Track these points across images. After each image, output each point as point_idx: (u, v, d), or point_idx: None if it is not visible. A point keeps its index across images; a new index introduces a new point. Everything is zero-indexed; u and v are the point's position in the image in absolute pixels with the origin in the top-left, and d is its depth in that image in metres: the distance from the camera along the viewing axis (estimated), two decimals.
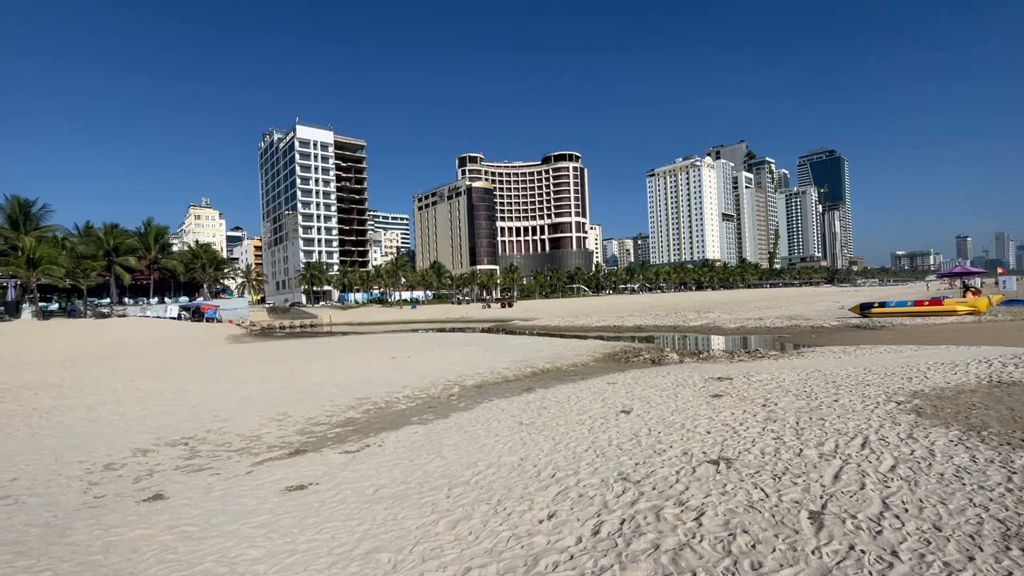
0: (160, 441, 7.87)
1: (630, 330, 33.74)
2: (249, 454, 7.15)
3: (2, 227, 51.64)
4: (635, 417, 7.93)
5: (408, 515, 4.74)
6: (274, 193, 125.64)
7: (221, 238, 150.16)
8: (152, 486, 5.92)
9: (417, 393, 11.53)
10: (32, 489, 5.90)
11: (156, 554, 4.18)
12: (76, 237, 57.16)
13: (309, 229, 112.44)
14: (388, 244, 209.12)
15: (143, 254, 61.80)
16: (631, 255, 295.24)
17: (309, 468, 6.40)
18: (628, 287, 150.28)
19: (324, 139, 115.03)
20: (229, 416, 9.56)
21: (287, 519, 4.79)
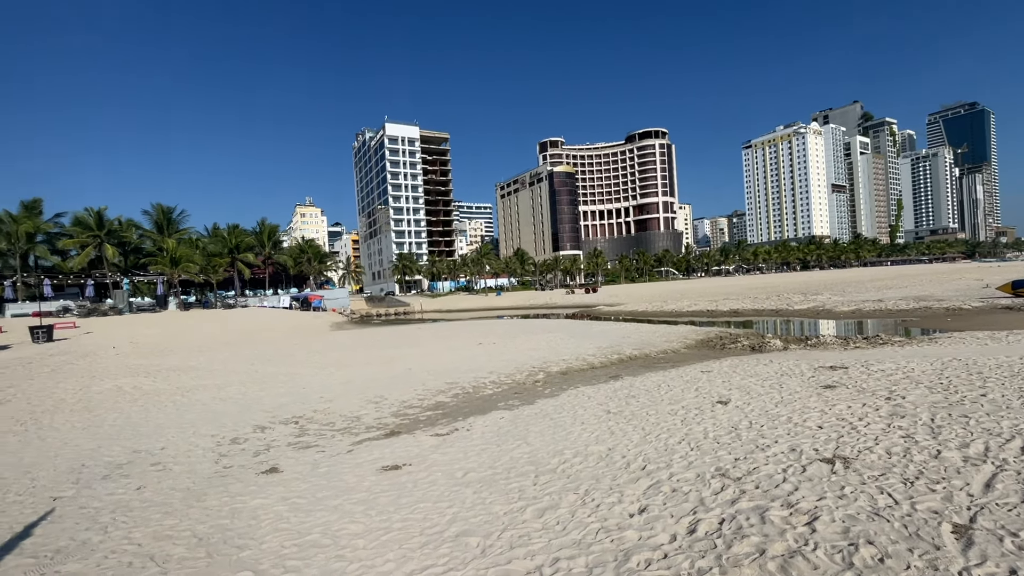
0: (275, 419, 8.70)
1: (725, 315, 31.73)
2: (350, 434, 7.67)
3: (150, 231, 60.07)
4: (733, 408, 7.38)
5: (496, 500, 4.78)
6: (368, 189, 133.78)
7: (323, 234, 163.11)
8: (269, 460, 6.54)
9: (503, 379, 11.69)
10: (176, 458, 6.78)
11: (272, 522, 4.59)
12: (206, 238, 65.02)
13: (400, 222, 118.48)
14: (473, 233, 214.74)
15: (259, 251, 68.84)
16: (725, 235, 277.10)
17: (403, 449, 6.71)
18: (722, 269, 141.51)
19: (411, 135, 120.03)
20: (333, 398, 10.34)
21: (383, 498, 5.05)
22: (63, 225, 56.29)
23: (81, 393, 12.03)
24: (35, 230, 53.98)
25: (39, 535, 4.57)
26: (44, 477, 6.20)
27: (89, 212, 55.99)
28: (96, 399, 11.32)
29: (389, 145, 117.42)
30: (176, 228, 61.37)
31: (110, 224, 57.23)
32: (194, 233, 64.02)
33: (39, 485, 5.93)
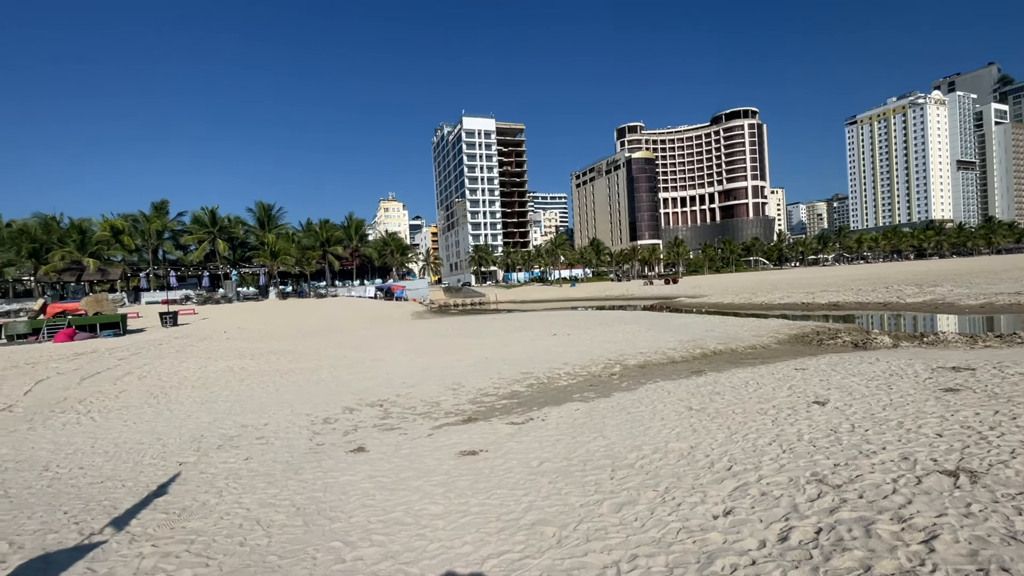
0: (362, 402, 9.26)
1: (823, 308, 29.17)
2: (430, 418, 7.98)
3: (254, 227, 66.02)
4: (833, 410, 6.75)
5: (571, 491, 4.74)
6: (446, 183, 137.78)
7: (405, 227, 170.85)
8: (356, 440, 6.97)
9: (578, 370, 11.58)
10: (277, 433, 7.43)
11: (359, 499, 4.89)
12: (301, 232, 70.42)
13: (476, 214, 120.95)
14: (547, 224, 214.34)
15: (347, 243, 73.42)
16: (824, 221, 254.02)
17: (480, 435, 6.87)
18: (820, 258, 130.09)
19: (487, 127, 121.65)
20: (414, 384, 10.81)
21: (461, 481, 5.20)
22: (184, 223, 63.55)
23: (200, 372, 13.57)
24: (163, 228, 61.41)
25: (169, 494, 5.21)
26: (172, 444, 7.07)
27: (204, 211, 62.70)
28: (211, 378, 12.71)
29: (466, 139, 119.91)
30: (275, 224, 67.06)
31: (221, 221, 63.75)
32: (290, 228, 69.65)
33: (168, 451, 6.77)
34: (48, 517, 4.75)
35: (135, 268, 61.34)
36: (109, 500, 5.12)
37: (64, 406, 9.86)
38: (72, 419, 8.82)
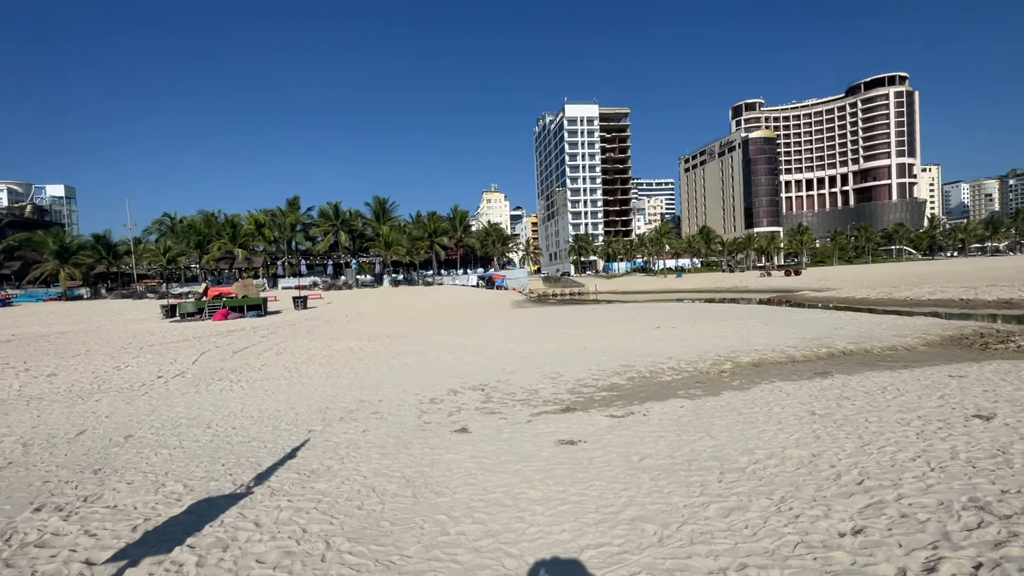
0: (465, 385, 9.68)
1: (988, 305, 24.71)
2: (529, 405, 8.11)
3: (370, 220, 71.60)
4: (1000, 426, 5.70)
5: (675, 491, 4.54)
6: (547, 172, 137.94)
7: (506, 217, 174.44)
8: (459, 421, 7.31)
9: (683, 366, 11.02)
10: (390, 410, 8.04)
11: (462, 477, 5.13)
12: (411, 224, 74.98)
13: (576, 203, 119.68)
14: (652, 211, 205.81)
15: (452, 234, 76.84)
16: (994, 202, 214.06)
17: (578, 426, 6.84)
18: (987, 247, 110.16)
19: (589, 114, 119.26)
20: (514, 371, 11.05)
21: (560, 469, 5.22)
22: (313, 217, 70.79)
23: (325, 350, 15.12)
24: (296, 221, 68.95)
25: (299, 458, 5.89)
26: (303, 413, 7.97)
27: (329, 205, 69.27)
28: (335, 356, 14.09)
29: (568, 127, 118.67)
30: (389, 216, 72.18)
31: (343, 215, 70.02)
32: (402, 220, 74.52)
33: (300, 419, 7.64)
34: (210, 467, 5.62)
35: (273, 257, 69.87)
36: (255, 457, 5.92)
37: (220, 375, 11.58)
38: (226, 386, 10.33)
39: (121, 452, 6.26)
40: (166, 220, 67.90)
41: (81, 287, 56.68)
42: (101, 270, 61.61)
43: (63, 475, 5.50)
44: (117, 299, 48.10)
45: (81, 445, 6.60)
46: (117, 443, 6.64)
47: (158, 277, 65.65)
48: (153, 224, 68.21)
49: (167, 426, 7.42)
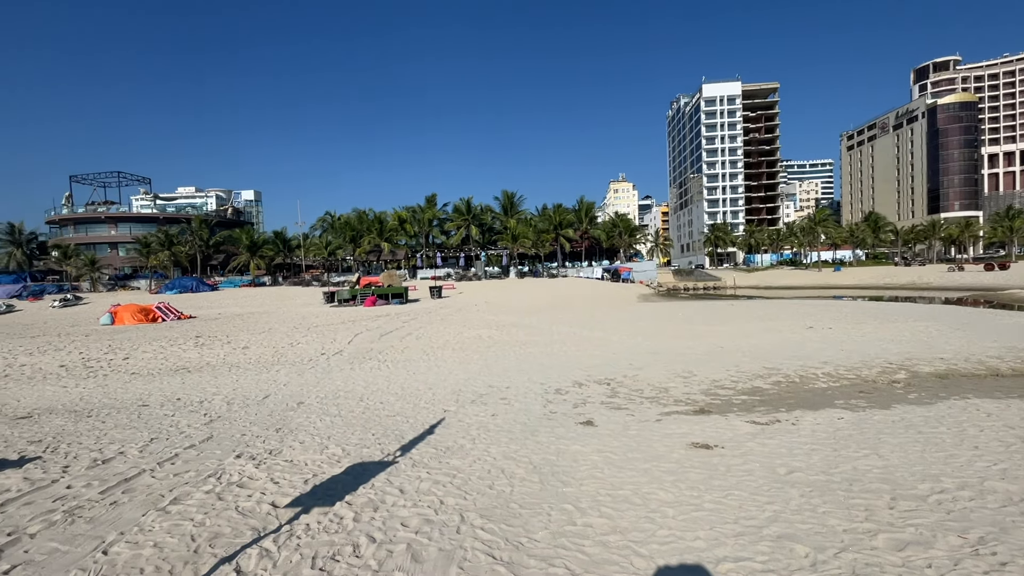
0: (590, 379, 9.59)
1: None
2: (658, 403, 7.76)
3: (499, 214, 74.29)
4: None
5: (831, 512, 4.00)
6: (680, 158, 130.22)
7: (634, 207, 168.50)
8: (585, 413, 7.27)
9: (842, 372, 9.64)
10: (516, 397, 8.30)
11: (589, 470, 5.09)
12: (536, 216, 76.19)
13: (713, 190, 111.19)
14: (804, 197, 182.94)
15: (577, 226, 76.41)
16: None
17: (714, 429, 6.37)
18: None
19: (730, 92, 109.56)
20: (641, 367, 10.66)
21: (693, 473, 4.91)
22: (447, 212, 75.64)
23: (457, 337, 16.11)
24: (432, 217, 74.31)
25: (436, 435, 6.36)
26: (439, 394, 8.59)
27: (462, 201, 73.39)
28: (466, 342, 14.94)
29: (705, 108, 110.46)
30: (516, 210, 74.23)
31: (475, 210, 73.70)
32: (528, 213, 76.14)
33: (436, 399, 8.25)
34: (362, 436, 6.34)
35: (413, 250, 76.28)
36: (398, 430, 6.54)
37: (370, 355, 12.99)
38: (375, 365, 11.55)
39: (295, 416, 7.36)
40: (327, 218, 77.87)
41: (265, 275, 67.85)
42: (279, 261, 73.07)
43: (254, 431, 6.63)
44: (290, 286, 56.68)
45: (266, 407, 7.90)
46: (292, 408, 7.82)
47: (321, 267, 75.81)
48: (318, 221, 78.71)
49: (328, 397, 8.53)
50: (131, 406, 8.19)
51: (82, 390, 9.58)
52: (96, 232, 76.93)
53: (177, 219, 76.66)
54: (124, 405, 8.29)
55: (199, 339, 16.30)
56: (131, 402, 8.50)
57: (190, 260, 68.90)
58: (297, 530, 3.93)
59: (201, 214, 79.99)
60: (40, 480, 4.99)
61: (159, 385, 9.86)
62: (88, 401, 8.67)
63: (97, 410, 7.99)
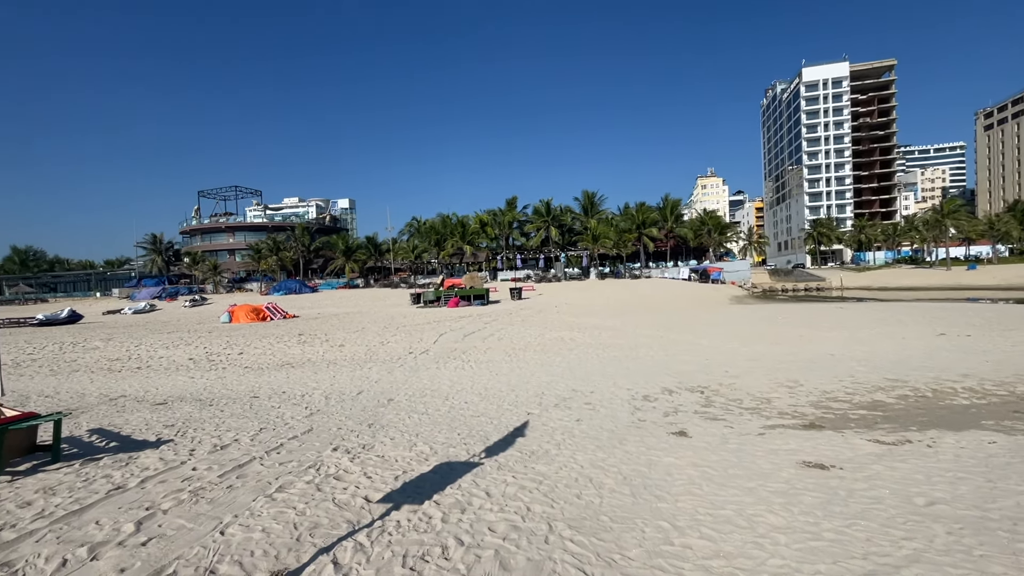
0: (681, 386, 9.04)
1: None
2: (760, 415, 7.11)
3: (579, 214, 73.47)
4: None
5: (992, 557, 3.34)
6: (776, 150, 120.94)
7: (724, 203, 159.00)
8: (677, 423, 6.82)
9: (988, 387, 8.26)
10: (602, 402, 8.01)
11: (684, 485, 4.72)
12: (618, 216, 74.36)
13: (815, 182, 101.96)
14: (927, 186, 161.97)
15: (662, 225, 73.49)
16: None
17: (828, 448, 5.68)
18: None
19: (836, 74, 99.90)
20: (738, 374, 9.89)
21: (807, 496, 4.38)
22: (527, 214, 76.14)
23: (539, 338, 16.02)
24: (513, 219, 75.16)
25: (522, 437, 6.28)
26: (522, 396, 8.53)
27: (542, 203, 73.51)
28: (547, 344, 14.81)
29: (805, 93, 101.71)
30: (596, 210, 73.01)
31: (554, 211, 73.53)
32: (609, 213, 74.56)
33: (519, 401, 8.19)
34: (448, 435, 6.42)
35: (494, 252, 77.63)
36: (483, 431, 6.54)
37: (454, 355, 13.27)
38: (459, 365, 11.77)
39: (386, 412, 7.65)
40: (414, 223, 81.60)
41: (358, 278, 72.53)
42: (371, 264, 77.80)
43: (349, 425, 6.97)
44: (381, 288, 60.06)
45: (360, 402, 8.30)
46: (383, 404, 8.14)
47: (408, 270, 79.61)
48: (405, 226, 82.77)
49: (416, 395, 8.79)
50: (244, 397, 9.00)
51: (205, 381, 10.71)
52: (218, 240, 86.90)
53: (283, 227, 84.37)
54: (238, 396, 9.13)
55: (301, 336, 17.69)
56: (244, 393, 9.34)
57: (294, 264, 75.56)
58: (388, 526, 4.00)
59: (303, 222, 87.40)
60: (172, 461, 5.57)
61: (267, 379, 10.76)
62: (210, 391, 9.66)
63: (217, 399, 8.86)
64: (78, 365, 13.23)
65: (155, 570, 3.41)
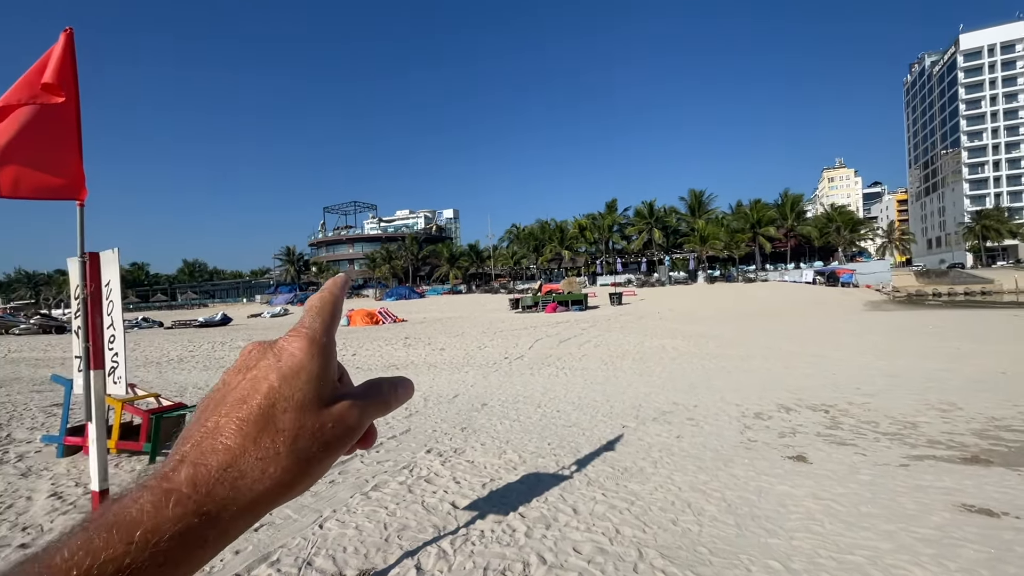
0: (800, 403, 8.02)
1: None
2: (902, 443, 6.03)
3: (685, 215, 69.82)
4: None
5: None
6: (924, 133, 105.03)
7: (856, 197, 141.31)
8: (794, 445, 6.03)
9: None
10: (706, 418, 7.37)
11: (802, 520, 4.11)
12: (730, 215, 69.37)
13: (978, 167, 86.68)
14: None
15: (780, 223, 67.20)
16: None
17: (998, 489, 4.63)
18: None
19: (1008, 36, 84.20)
20: (873, 392, 8.56)
21: (967, 550, 3.57)
22: (628, 217, 74.05)
23: (638, 346, 15.33)
24: (612, 223, 73.55)
25: (613, 453, 5.95)
26: (617, 407, 8.14)
27: (644, 204, 71.04)
28: (647, 353, 14.09)
29: (964, 64, 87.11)
30: (705, 209, 68.81)
31: (658, 212, 70.64)
32: (719, 212, 69.82)
33: (614, 412, 7.82)
34: (539, 444, 6.29)
35: (593, 256, 76.48)
36: (574, 443, 6.32)
37: (549, 361, 13.15)
38: (553, 372, 11.62)
39: (479, 416, 7.74)
40: (513, 230, 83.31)
41: (461, 284, 75.69)
42: (473, 271, 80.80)
43: (444, 428, 7.14)
44: (482, 293, 62.00)
45: (455, 406, 8.50)
46: (476, 408, 8.26)
47: (508, 276, 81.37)
48: (505, 233, 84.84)
49: (509, 400, 8.80)
50: None
51: None
52: (339, 251, 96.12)
53: (395, 237, 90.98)
54: None
55: (407, 340, 18.76)
56: None
57: (404, 271, 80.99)
58: (472, 535, 3.97)
59: (412, 232, 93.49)
60: None
61: None
62: None
63: None
64: (224, 362, 15.27)
65: (263, 555, 3.70)
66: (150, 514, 0.31)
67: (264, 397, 0.36)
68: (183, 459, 0.34)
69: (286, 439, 0.36)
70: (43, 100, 3.05)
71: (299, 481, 0.36)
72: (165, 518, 0.31)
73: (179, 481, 0.33)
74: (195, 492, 0.32)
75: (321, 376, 0.39)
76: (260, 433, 0.35)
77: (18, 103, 3.15)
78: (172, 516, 0.31)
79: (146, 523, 0.30)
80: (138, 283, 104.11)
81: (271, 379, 0.37)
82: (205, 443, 0.35)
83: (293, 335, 0.40)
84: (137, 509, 0.31)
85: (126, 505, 0.31)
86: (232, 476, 0.34)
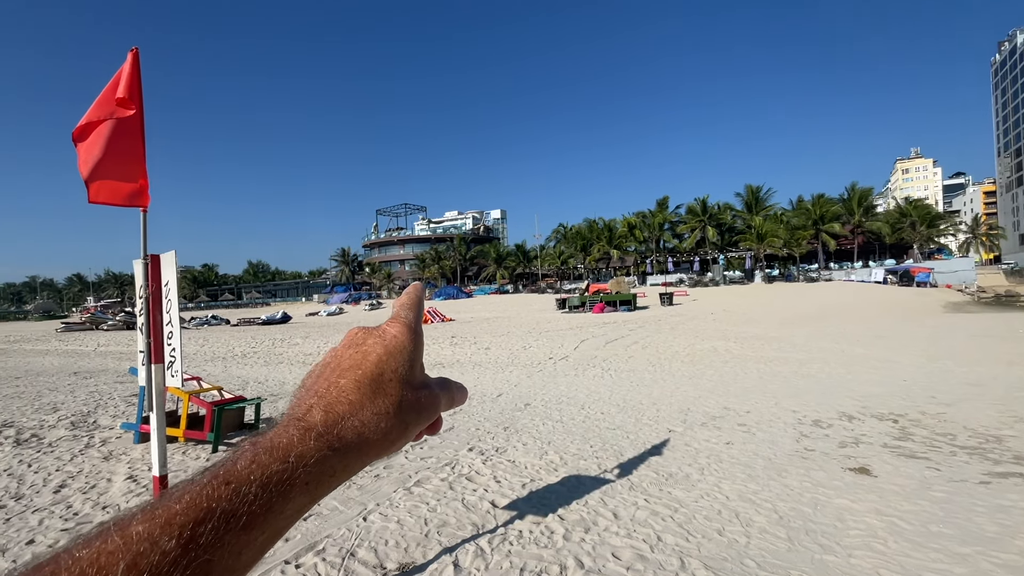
0: (865, 411, 7.49)
1: None
2: (984, 458, 5.50)
3: (741, 211, 66.97)
4: None
5: None
6: (1016, 117, 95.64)
7: (935, 189, 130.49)
8: (857, 456, 5.63)
9: None
10: (759, 424, 7.02)
11: (862, 536, 3.84)
12: (790, 211, 65.89)
13: None
14: None
15: (846, 219, 63.15)
16: None
17: None
18: None
19: None
20: (951, 402, 7.87)
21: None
22: (680, 214, 71.89)
23: (689, 348, 14.83)
24: (663, 221, 71.65)
25: (660, 456, 5.79)
26: (664, 411, 7.91)
27: (697, 202, 68.76)
28: (698, 355, 13.61)
29: None
30: (762, 206, 65.74)
31: (711, 209, 68.17)
32: (778, 208, 66.46)
33: (661, 416, 7.61)
34: (581, 446, 6.22)
35: (643, 256, 74.74)
36: (618, 446, 6.20)
37: (594, 362, 12.97)
38: (598, 373, 11.45)
39: (521, 416, 7.74)
40: (560, 229, 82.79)
41: (508, 284, 76.09)
42: (520, 271, 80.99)
43: (486, 426, 7.20)
44: (528, 293, 62.06)
45: (498, 405, 8.55)
46: (519, 408, 8.27)
47: (555, 276, 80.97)
48: (552, 233, 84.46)
49: (552, 401, 8.75)
50: None
51: None
52: (391, 252, 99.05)
53: (443, 239, 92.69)
54: None
55: (454, 339, 19.06)
56: None
57: (452, 272, 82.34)
58: (510, 535, 3.97)
59: (460, 233, 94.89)
60: None
61: None
62: None
63: None
64: (283, 358, 16.09)
65: (309, 544, 3.86)
66: (300, 441, 0.38)
67: (374, 365, 0.43)
68: (312, 407, 0.41)
69: (393, 403, 0.43)
70: (119, 115, 3.34)
71: (399, 441, 0.43)
72: (309, 447, 0.38)
73: (315, 422, 0.40)
74: (328, 432, 0.39)
75: (416, 358, 0.46)
76: (375, 393, 0.42)
77: (99, 120, 3.45)
78: (314, 447, 0.38)
79: (297, 447, 0.38)
80: (208, 283, 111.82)
81: (379, 351, 0.44)
82: (330, 395, 0.42)
83: (393, 321, 0.48)
84: (287, 438, 0.38)
85: (277, 434, 0.39)
86: (355, 424, 0.40)
